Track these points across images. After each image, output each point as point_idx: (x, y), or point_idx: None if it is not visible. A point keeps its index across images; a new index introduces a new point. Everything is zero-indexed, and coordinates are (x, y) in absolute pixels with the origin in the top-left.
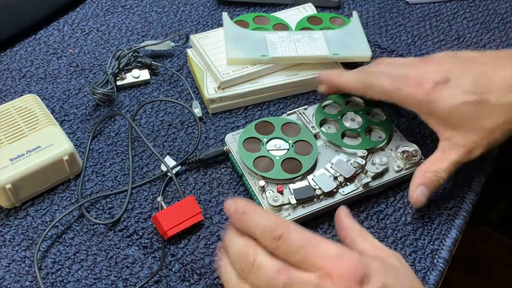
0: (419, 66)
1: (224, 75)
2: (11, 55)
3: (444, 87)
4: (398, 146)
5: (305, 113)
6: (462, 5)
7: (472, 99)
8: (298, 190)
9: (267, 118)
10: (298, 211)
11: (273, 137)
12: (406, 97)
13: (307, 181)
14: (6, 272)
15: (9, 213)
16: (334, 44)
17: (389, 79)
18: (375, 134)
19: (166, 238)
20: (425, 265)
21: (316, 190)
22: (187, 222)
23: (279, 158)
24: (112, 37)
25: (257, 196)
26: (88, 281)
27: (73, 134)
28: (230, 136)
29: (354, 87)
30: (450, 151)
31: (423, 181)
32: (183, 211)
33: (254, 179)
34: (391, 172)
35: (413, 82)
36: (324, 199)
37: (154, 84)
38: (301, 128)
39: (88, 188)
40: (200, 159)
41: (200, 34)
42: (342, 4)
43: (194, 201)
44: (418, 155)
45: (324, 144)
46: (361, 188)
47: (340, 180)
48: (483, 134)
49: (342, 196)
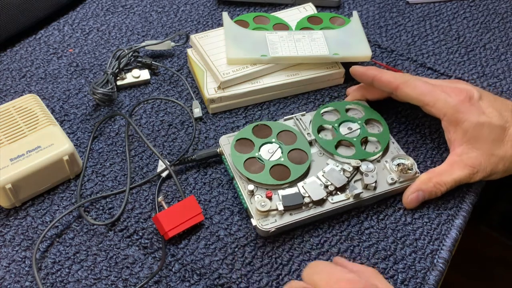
0: (453, 82)
1: (224, 75)
2: (11, 55)
3: (478, 103)
4: (394, 158)
5: (302, 119)
6: (462, 5)
7: (500, 123)
8: (287, 197)
9: (266, 122)
10: (285, 218)
11: (268, 141)
12: (439, 101)
13: (297, 188)
14: (6, 272)
15: (9, 213)
16: (334, 44)
17: (426, 83)
18: (372, 145)
19: (166, 239)
20: (425, 265)
21: (305, 198)
22: (188, 223)
23: (269, 163)
24: (112, 37)
25: (245, 200)
26: (88, 281)
27: (73, 134)
28: (225, 138)
29: (391, 81)
30: (458, 168)
31: (423, 188)
32: (184, 212)
33: (244, 183)
34: (384, 184)
35: (450, 90)
36: (312, 208)
37: (154, 84)
38: (297, 136)
39: (88, 188)
40: (193, 159)
41: (200, 34)
42: (342, 4)
43: (195, 201)
44: (414, 169)
45: (318, 152)
46: (352, 198)
47: (331, 189)
48: (493, 161)
49: (331, 206)
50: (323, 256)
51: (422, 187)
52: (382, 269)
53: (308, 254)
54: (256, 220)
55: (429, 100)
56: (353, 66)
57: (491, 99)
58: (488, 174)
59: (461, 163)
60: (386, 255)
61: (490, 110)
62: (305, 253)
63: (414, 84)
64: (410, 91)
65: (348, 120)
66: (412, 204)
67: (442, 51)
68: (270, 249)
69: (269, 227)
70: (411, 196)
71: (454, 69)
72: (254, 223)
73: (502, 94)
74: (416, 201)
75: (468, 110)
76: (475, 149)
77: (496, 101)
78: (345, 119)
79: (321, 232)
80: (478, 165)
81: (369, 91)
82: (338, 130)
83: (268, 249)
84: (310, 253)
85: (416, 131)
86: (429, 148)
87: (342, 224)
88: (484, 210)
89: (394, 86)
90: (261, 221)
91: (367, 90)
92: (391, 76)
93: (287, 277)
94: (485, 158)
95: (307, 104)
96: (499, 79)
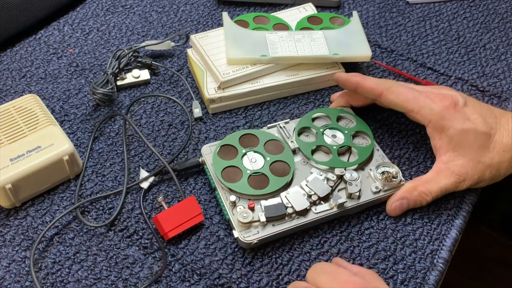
0: (438, 88)
1: (224, 75)
2: (11, 55)
3: (463, 109)
4: (379, 166)
5: (286, 127)
6: (462, 5)
7: (485, 130)
8: (269, 208)
9: (253, 130)
10: (267, 229)
11: (253, 150)
12: (424, 107)
13: (280, 198)
14: (6, 272)
15: (9, 213)
16: (334, 44)
17: (410, 89)
18: (354, 157)
19: (166, 239)
20: (425, 265)
21: (288, 208)
22: (188, 223)
23: (249, 172)
24: (112, 37)
25: (227, 211)
26: (88, 281)
27: (73, 134)
28: (207, 147)
29: (373, 87)
30: (444, 176)
31: (408, 197)
32: (184, 212)
33: (226, 193)
34: (368, 193)
35: (434, 96)
36: (295, 218)
37: (154, 84)
38: (284, 147)
39: (88, 188)
40: (174, 169)
41: (200, 34)
42: (342, 4)
43: (195, 201)
44: (399, 177)
45: (302, 160)
46: (335, 208)
47: (314, 198)
48: (479, 168)
49: (314, 216)
50: (323, 256)
51: (407, 195)
52: (382, 269)
53: (308, 254)
54: (238, 232)
55: (413, 107)
56: (337, 73)
57: (476, 105)
58: (475, 182)
59: (448, 171)
60: (386, 255)
61: (475, 117)
62: (305, 253)
63: (398, 90)
64: (394, 98)
65: (336, 128)
66: (395, 212)
67: (442, 51)
68: (270, 249)
69: (251, 239)
70: (395, 204)
71: (454, 69)
72: (236, 235)
73: (502, 94)
74: (400, 209)
75: (453, 116)
76: (461, 156)
77: (482, 108)
78: (333, 127)
79: (321, 233)
80: (465, 174)
81: (353, 97)
82: (321, 135)
83: (268, 249)
84: (310, 253)
85: (401, 138)
86: (414, 156)
87: (342, 225)
88: (484, 210)
89: (378, 93)
90: (243, 233)
91: (351, 96)
92: (374, 83)
93: (287, 277)
94: (471, 166)
95: (307, 104)
96: (499, 79)
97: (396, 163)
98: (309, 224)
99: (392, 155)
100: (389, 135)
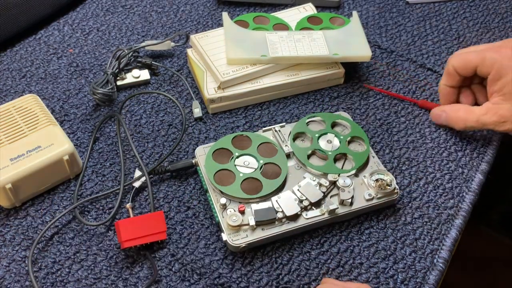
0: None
1: (224, 75)
2: (11, 55)
3: None
4: (373, 173)
5: (281, 131)
6: (462, 5)
7: None
8: (259, 212)
9: (247, 133)
10: (256, 233)
11: (245, 153)
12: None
13: (271, 202)
14: (6, 272)
15: (9, 213)
16: (334, 44)
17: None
18: (349, 163)
19: (122, 248)
20: (425, 265)
21: (278, 212)
22: (148, 238)
23: (242, 175)
24: (112, 37)
25: (217, 213)
26: (88, 281)
27: (73, 134)
28: (201, 148)
29: None
30: (488, 112)
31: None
32: (148, 225)
33: (217, 196)
34: (361, 200)
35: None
36: (286, 223)
37: (154, 84)
38: (277, 150)
39: (88, 188)
40: (167, 170)
41: (200, 34)
42: (342, 4)
43: (163, 217)
44: (393, 185)
45: (296, 165)
46: (327, 214)
47: (306, 204)
48: None
49: (305, 221)
50: (323, 256)
51: (449, 110)
52: (382, 269)
53: (308, 254)
54: (227, 235)
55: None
56: None
57: None
58: None
59: (493, 110)
60: (386, 254)
61: None
62: (305, 253)
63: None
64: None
65: (331, 133)
66: (434, 119)
67: (442, 51)
68: (270, 249)
69: (240, 243)
70: (436, 113)
71: None
72: (224, 238)
73: None
74: (437, 118)
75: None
76: (509, 101)
77: None
78: (328, 132)
79: (321, 232)
80: (509, 117)
81: None
82: (317, 140)
83: (268, 249)
84: (310, 253)
85: (401, 138)
86: (414, 156)
87: (342, 224)
88: (484, 210)
89: None
90: (231, 236)
91: None
92: None
93: (287, 276)
94: None
95: (307, 104)
96: None
97: (396, 163)
98: (299, 229)
99: (392, 155)
100: (389, 135)
